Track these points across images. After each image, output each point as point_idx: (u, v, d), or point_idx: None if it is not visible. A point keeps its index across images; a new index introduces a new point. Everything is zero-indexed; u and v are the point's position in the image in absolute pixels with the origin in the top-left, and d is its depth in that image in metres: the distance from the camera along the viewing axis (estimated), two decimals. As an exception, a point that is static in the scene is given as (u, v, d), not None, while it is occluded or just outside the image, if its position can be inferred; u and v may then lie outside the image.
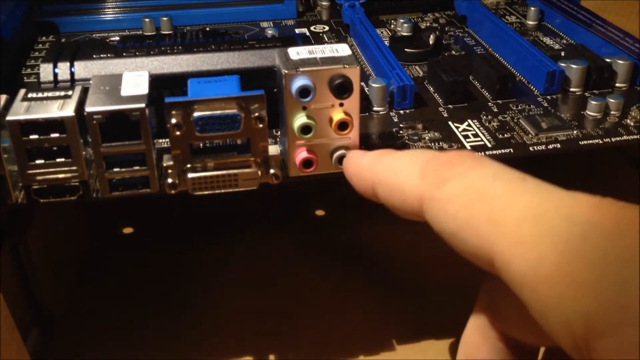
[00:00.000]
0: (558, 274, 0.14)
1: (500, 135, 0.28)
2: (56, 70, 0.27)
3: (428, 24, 0.41)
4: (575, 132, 0.28)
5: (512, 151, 0.27)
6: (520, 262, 0.14)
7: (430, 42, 0.36)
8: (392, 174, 0.19)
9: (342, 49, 0.24)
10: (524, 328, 0.19)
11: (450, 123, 0.29)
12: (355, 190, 0.22)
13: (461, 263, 0.19)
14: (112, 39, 0.37)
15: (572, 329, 0.13)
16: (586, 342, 0.13)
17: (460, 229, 0.16)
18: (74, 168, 0.23)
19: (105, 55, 0.28)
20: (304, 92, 0.23)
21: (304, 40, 0.30)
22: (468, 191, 0.17)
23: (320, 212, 0.43)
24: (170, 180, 0.23)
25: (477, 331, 0.20)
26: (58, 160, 0.23)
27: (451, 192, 0.17)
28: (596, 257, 0.13)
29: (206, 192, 0.24)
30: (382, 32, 0.39)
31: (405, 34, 0.38)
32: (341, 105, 0.23)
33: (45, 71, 0.27)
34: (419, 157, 0.19)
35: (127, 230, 0.41)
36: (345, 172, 0.23)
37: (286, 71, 0.23)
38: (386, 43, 0.35)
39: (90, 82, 0.24)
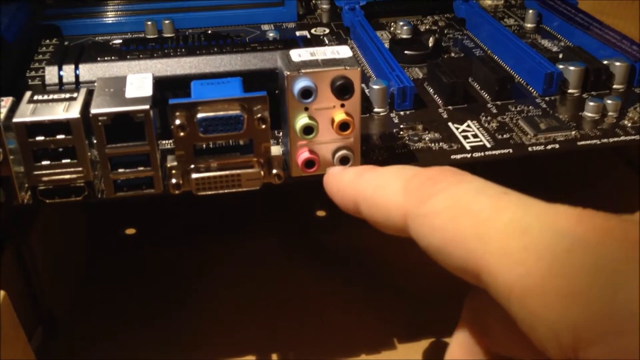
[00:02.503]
0: (545, 285, 0.14)
1: (500, 136, 0.29)
2: (61, 72, 0.27)
3: (427, 27, 0.41)
4: (573, 132, 0.29)
5: (511, 151, 0.28)
6: (507, 275, 0.15)
7: (430, 45, 0.37)
8: (375, 190, 0.19)
9: (343, 51, 0.24)
10: (510, 342, 0.19)
11: (450, 124, 0.30)
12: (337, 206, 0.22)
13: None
14: (114, 42, 0.37)
15: (561, 340, 0.13)
16: (575, 352, 0.13)
17: (447, 243, 0.16)
18: (80, 169, 0.23)
19: (109, 58, 0.28)
20: (306, 93, 0.23)
21: (305, 43, 0.30)
22: (453, 206, 0.17)
23: (321, 213, 0.43)
24: (174, 181, 0.23)
25: (462, 347, 0.20)
26: (64, 161, 0.23)
27: (436, 207, 0.17)
28: (582, 268, 0.14)
29: (210, 192, 0.24)
30: (382, 35, 0.40)
31: (405, 36, 0.38)
32: (342, 106, 0.24)
33: (51, 74, 0.27)
34: (401, 174, 0.19)
35: (130, 231, 0.42)
36: (326, 189, 0.23)
37: (288, 73, 0.23)
38: (386, 45, 0.36)
39: (95, 84, 0.24)
